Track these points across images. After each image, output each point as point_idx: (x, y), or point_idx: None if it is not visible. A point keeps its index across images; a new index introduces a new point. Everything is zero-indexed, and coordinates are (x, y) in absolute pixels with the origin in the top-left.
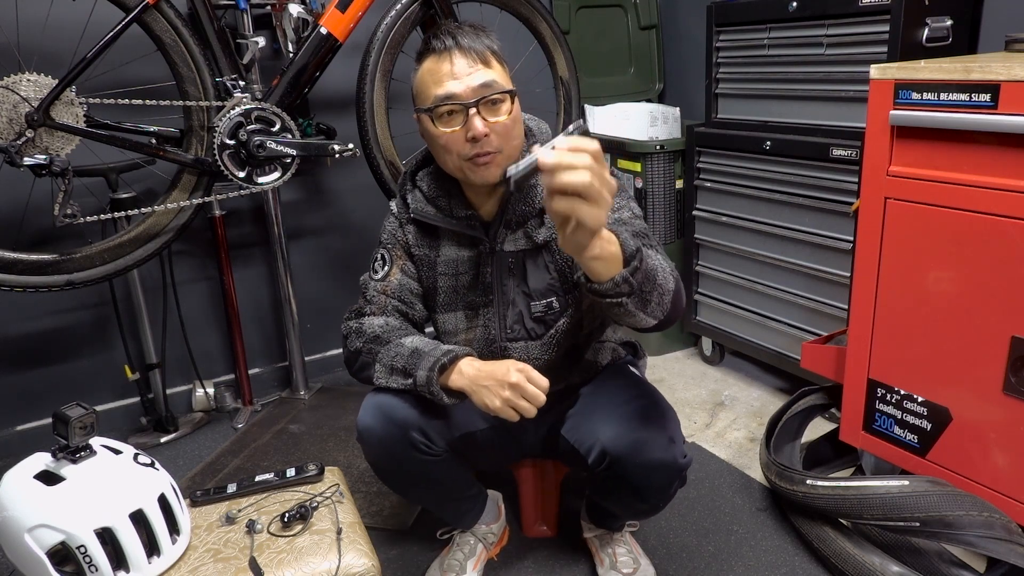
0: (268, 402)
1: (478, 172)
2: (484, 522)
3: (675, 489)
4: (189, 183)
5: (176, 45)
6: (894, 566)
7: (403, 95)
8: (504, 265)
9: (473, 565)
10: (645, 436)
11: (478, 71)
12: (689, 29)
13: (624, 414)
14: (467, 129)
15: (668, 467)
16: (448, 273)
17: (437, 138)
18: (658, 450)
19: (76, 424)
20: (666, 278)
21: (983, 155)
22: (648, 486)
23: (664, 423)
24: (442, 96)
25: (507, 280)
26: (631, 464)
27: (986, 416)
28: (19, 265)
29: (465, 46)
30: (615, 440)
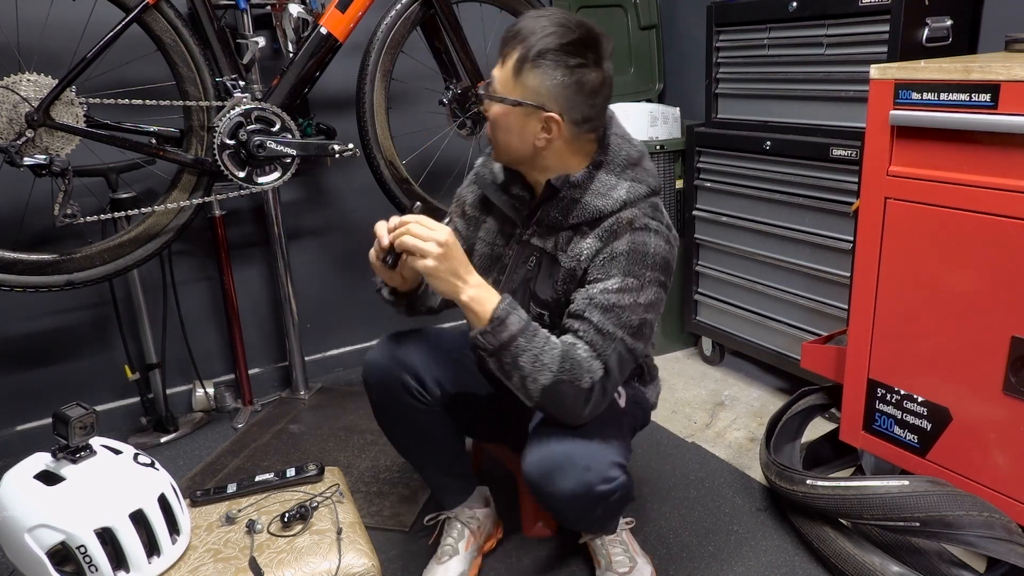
0: (268, 402)
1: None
2: (468, 505)
3: (603, 512)
4: (189, 183)
5: (176, 45)
6: (894, 566)
7: (403, 95)
8: (524, 256)
9: (465, 546)
10: (560, 462)
11: (497, 67)
12: (689, 29)
13: (551, 435)
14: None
15: (580, 497)
16: (486, 240)
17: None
18: (569, 478)
19: (76, 424)
20: (539, 368)
21: (983, 155)
22: (563, 513)
23: (588, 446)
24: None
25: (519, 270)
26: (544, 492)
27: (986, 416)
28: (19, 265)
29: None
30: (533, 465)
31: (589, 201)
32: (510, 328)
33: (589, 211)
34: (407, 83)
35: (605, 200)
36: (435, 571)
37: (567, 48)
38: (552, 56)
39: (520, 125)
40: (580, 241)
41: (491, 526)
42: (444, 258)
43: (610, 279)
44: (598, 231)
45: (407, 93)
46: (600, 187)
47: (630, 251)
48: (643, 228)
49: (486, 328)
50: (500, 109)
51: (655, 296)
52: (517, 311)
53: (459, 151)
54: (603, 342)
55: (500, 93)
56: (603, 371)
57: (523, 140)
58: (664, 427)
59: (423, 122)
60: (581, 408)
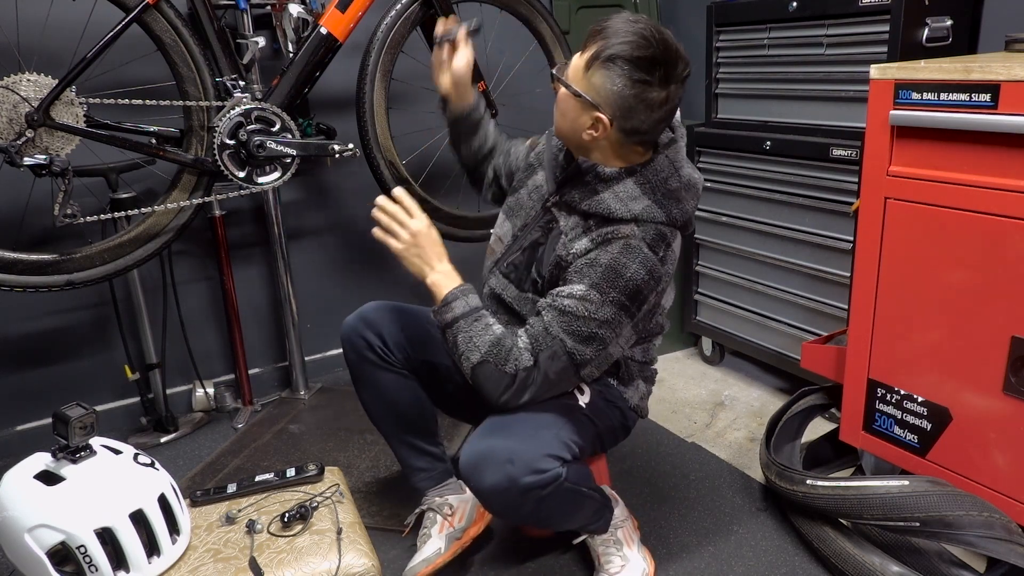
0: (268, 402)
1: None
2: (439, 493)
3: (537, 507)
4: (189, 183)
5: (176, 45)
6: (894, 566)
7: (403, 95)
8: (543, 221)
9: (438, 530)
10: (484, 455)
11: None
12: (689, 29)
13: (485, 431)
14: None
15: (504, 490)
16: (528, 187)
17: None
18: (492, 472)
19: (76, 424)
20: (470, 348)
21: (983, 155)
22: (492, 507)
23: (516, 440)
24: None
25: (535, 232)
26: (472, 487)
27: (986, 416)
28: (19, 265)
29: (593, 30)
30: (462, 460)
31: (605, 198)
32: (454, 311)
33: (602, 207)
34: (407, 83)
35: (619, 205)
36: (412, 558)
37: (637, 61)
38: (621, 64)
39: (575, 114)
40: (581, 236)
41: (471, 511)
42: (413, 245)
43: (579, 285)
44: (595, 234)
45: (407, 93)
46: (622, 191)
47: (608, 266)
48: (633, 249)
49: (437, 307)
50: (564, 93)
51: (612, 316)
52: (467, 298)
53: None
54: (543, 339)
55: (569, 80)
56: (532, 363)
57: (573, 128)
58: (664, 427)
59: (423, 122)
60: (501, 392)
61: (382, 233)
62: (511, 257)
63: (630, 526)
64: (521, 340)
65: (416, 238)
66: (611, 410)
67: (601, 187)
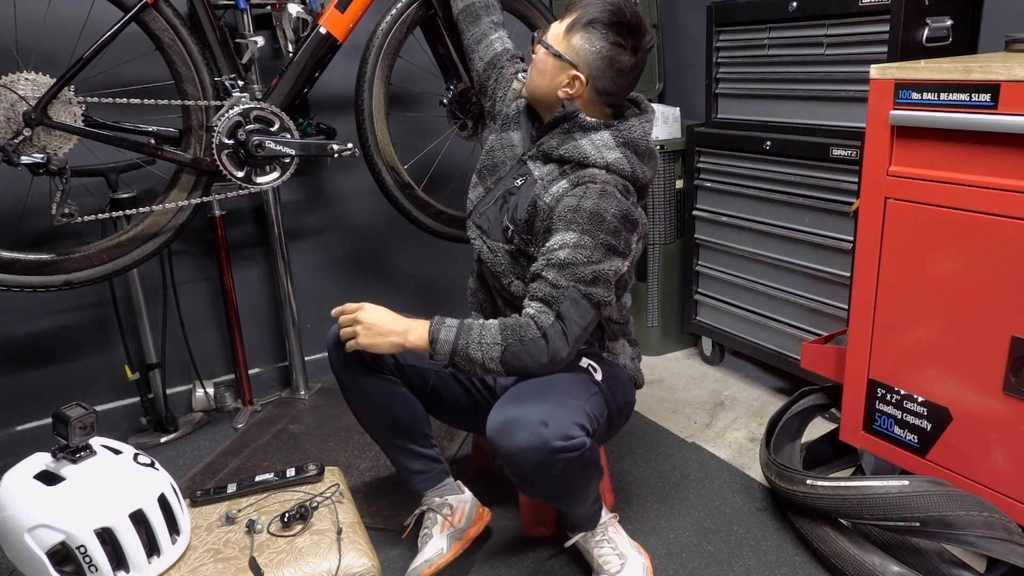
0: (268, 402)
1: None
2: (438, 494)
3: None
4: (188, 183)
5: (175, 45)
6: (894, 566)
7: (403, 96)
8: (517, 173)
9: (439, 530)
10: (516, 418)
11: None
12: (689, 29)
13: (511, 400)
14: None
15: (535, 449)
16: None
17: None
18: (524, 431)
19: (76, 424)
20: (487, 349)
21: (983, 155)
22: (521, 470)
23: (546, 406)
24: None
25: (506, 182)
26: (500, 448)
27: (986, 416)
28: (17, 264)
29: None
30: (491, 424)
31: (582, 144)
32: (447, 340)
33: (578, 152)
34: (407, 86)
35: (595, 152)
36: (415, 560)
37: (614, 26)
38: (599, 27)
39: (553, 73)
40: (558, 179)
41: (471, 511)
42: (368, 329)
43: (569, 232)
44: (572, 177)
45: (407, 94)
46: (598, 140)
47: (592, 211)
48: (609, 195)
49: (432, 352)
50: (543, 53)
51: (605, 255)
52: (444, 324)
53: (461, 152)
54: (556, 293)
55: (549, 41)
56: (554, 318)
57: (549, 86)
58: (664, 427)
59: (424, 125)
60: (540, 356)
61: (352, 343)
62: (484, 208)
63: (616, 523)
64: (530, 308)
65: (367, 321)
66: (616, 384)
67: (579, 134)
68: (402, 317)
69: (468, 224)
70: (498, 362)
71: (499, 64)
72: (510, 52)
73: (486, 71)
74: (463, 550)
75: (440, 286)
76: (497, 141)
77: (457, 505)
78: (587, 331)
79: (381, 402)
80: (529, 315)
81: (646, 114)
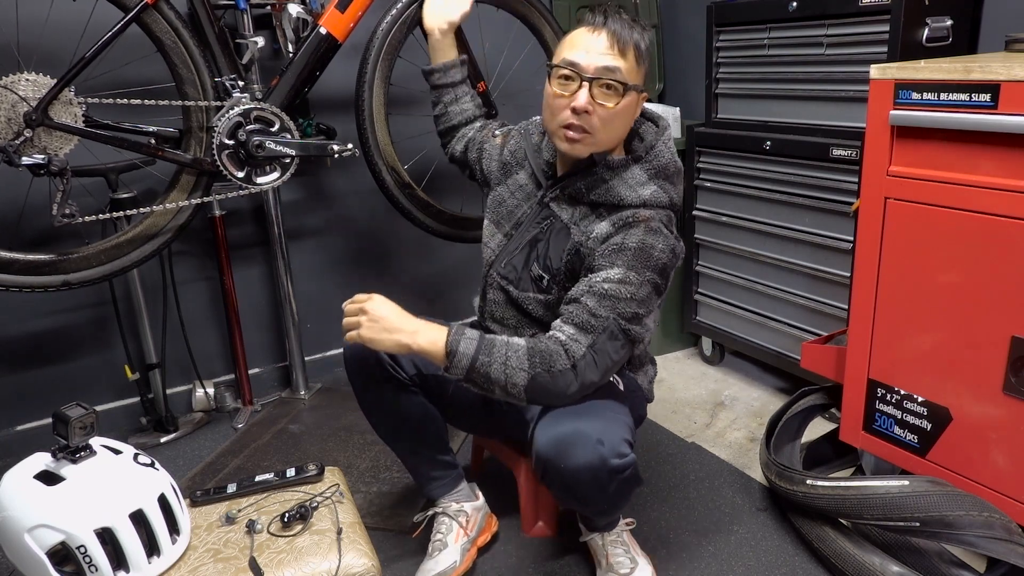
0: (268, 402)
1: (564, 142)
2: (455, 499)
3: (616, 489)
4: (188, 183)
5: (175, 46)
6: (894, 566)
7: (403, 98)
8: (540, 216)
9: (454, 539)
10: (573, 437)
11: (610, 55)
12: (689, 29)
13: (560, 416)
14: (573, 98)
15: (594, 469)
16: (510, 191)
17: (548, 96)
18: (584, 451)
19: (76, 424)
20: (511, 373)
21: (983, 155)
22: (578, 490)
23: (598, 423)
24: (568, 60)
25: (531, 228)
26: (558, 468)
27: (986, 416)
28: (16, 265)
29: (612, 29)
30: (545, 443)
31: (615, 186)
32: (466, 354)
33: (612, 195)
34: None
35: (630, 192)
36: (426, 565)
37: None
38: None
39: (632, 111)
40: (595, 222)
41: (482, 520)
42: (374, 322)
43: (614, 269)
44: (614, 218)
45: (407, 96)
46: (631, 178)
47: (638, 248)
48: (655, 231)
49: (447, 364)
50: (630, 99)
51: (647, 295)
52: (465, 335)
53: None
54: (595, 322)
55: (630, 80)
56: (586, 348)
57: (626, 127)
58: (664, 427)
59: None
60: (566, 389)
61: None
62: (509, 258)
63: (629, 530)
64: (562, 332)
65: (372, 312)
66: (635, 396)
67: (609, 175)
68: (413, 317)
69: (488, 275)
70: (521, 389)
71: (476, 140)
72: (480, 124)
73: (464, 153)
74: (472, 562)
75: (440, 286)
76: (504, 190)
77: (472, 513)
78: (618, 366)
79: (401, 414)
80: (560, 341)
81: (666, 131)
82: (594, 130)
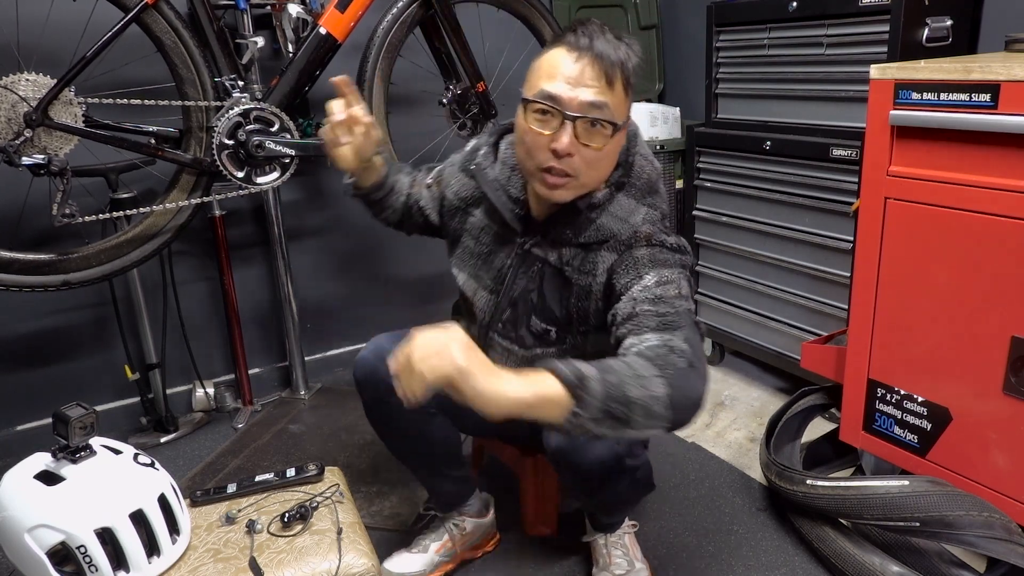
0: (268, 402)
1: (544, 188)
2: (459, 511)
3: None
4: (188, 183)
5: (175, 46)
6: (894, 566)
7: (403, 97)
8: (526, 266)
9: (436, 549)
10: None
11: (596, 89)
12: (689, 29)
13: None
14: (554, 139)
15: (609, 466)
16: (472, 235)
17: (524, 133)
18: (599, 446)
19: (76, 424)
20: (647, 386)
21: (983, 155)
22: (591, 485)
23: None
24: (546, 93)
25: (520, 280)
26: (573, 462)
27: (986, 416)
28: (15, 264)
29: (599, 55)
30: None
31: (605, 223)
32: (592, 375)
33: (603, 233)
34: (407, 86)
35: (622, 225)
36: (398, 559)
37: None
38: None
39: (616, 148)
40: (592, 256)
41: (479, 536)
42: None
43: (645, 277)
44: (612, 243)
45: (408, 96)
46: (618, 210)
47: (652, 257)
48: (659, 244)
49: (576, 407)
50: (619, 137)
51: (687, 286)
52: (568, 363)
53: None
54: (671, 317)
55: (616, 118)
56: (683, 339)
57: (614, 160)
58: None
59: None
60: (700, 386)
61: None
62: (502, 317)
63: (633, 533)
64: (645, 342)
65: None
66: None
67: (596, 214)
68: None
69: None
70: (665, 401)
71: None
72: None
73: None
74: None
75: (440, 285)
76: (468, 238)
77: (471, 529)
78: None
79: (412, 430)
80: (652, 347)
81: (638, 136)
82: (578, 173)
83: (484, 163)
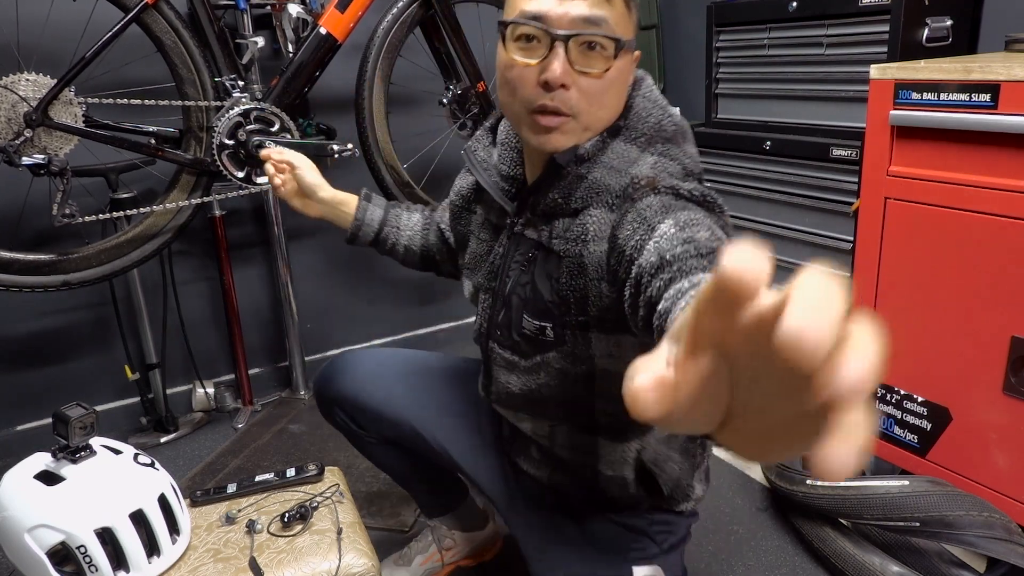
0: (268, 402)
1: (536, 135)
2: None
3: None
4: (188, 183)
5: (175, 46)
6: (894, 566)
7: (403, 97)
8: (516, 252)
9: (422, 561)
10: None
11: (590, 1)
12: (689, 29)
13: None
14: (543, 68)
15: None
16: (475, 235)
17: (505, 68)
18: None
19: (76, 424)
20: None
21: (983, 155)
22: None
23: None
24: (529, 13)
25: (512, 271)
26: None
27: (986, 416)
28: (15, 265)
29: None
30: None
31: (599, 178)
32: None
33: (598, 190)
34: (406, 86)
35: (621, 177)
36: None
37: None
38: None
39: (628, 75)
40: (581, 219)
41: (475, 548)
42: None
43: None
44: (603, 198)
45: (407, 96)
46: (614, 159)
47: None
48: (671, 191)
49: None
50: (624, 60)
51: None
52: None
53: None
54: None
55: (620, 34)
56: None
57: (623, 96)
58: None
59: (424, 125)
60: None
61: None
62: (498, 320)
63: None
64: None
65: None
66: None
67: (586, 169)
68: None
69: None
70: None
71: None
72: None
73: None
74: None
75: (440, 285)
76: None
77: (460, 543)
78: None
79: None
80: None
81: (642, 81)
82: (577, 111)
83: (476, 144)
